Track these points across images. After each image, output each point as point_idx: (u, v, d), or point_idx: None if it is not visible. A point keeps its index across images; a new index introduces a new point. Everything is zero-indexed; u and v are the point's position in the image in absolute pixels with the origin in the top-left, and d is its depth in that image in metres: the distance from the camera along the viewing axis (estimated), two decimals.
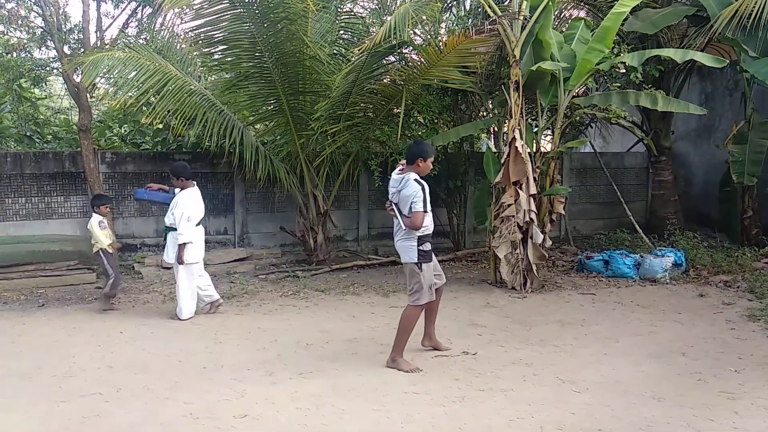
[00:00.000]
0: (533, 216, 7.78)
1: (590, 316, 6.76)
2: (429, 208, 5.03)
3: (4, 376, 4.94)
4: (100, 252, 7.05)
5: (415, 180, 5.00)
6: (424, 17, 8.27)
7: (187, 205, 6.57)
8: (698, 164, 12.48)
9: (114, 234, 7.65)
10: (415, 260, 5.04)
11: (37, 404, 4.39)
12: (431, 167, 5.19)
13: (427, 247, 5.09)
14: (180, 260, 6.53)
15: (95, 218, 7.10)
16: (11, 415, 4.22)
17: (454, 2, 10.56)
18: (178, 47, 9.62)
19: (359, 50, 7.98)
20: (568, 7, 10.37)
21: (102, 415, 4.22)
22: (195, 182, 6.86)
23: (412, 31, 9.02)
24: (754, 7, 8.10)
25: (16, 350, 5.63)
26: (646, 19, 9.36)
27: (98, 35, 9.67)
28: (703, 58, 7.86)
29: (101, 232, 7.05)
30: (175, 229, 6.57)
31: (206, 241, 7.11)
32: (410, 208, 4.95)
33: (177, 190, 6.80)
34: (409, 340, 5.15)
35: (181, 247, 6.52)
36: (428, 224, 5.11)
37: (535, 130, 8.58)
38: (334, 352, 5.50)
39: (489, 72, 8.99)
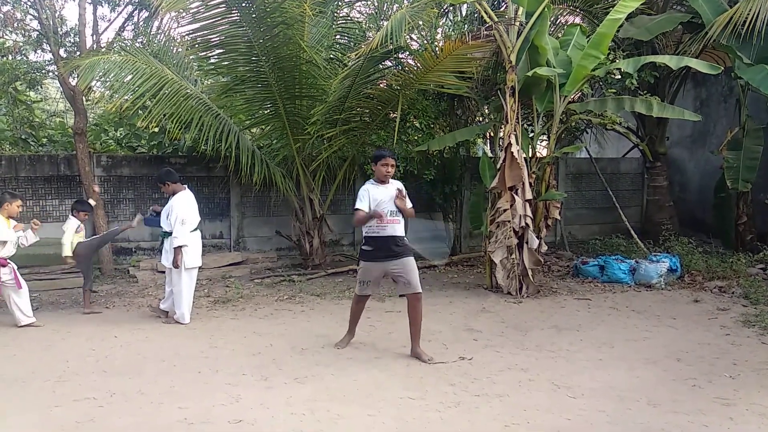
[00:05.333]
0: (529, 221, 7.80)
1: (585, 321, 6.76)
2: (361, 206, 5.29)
3: None
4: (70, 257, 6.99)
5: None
6: (421, 22, 8.31)
7: (182, 209, 6.56)
8: (693, 170, 12.53)
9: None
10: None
11: (31, 409, 4.36)
12: (381, 170, 5.34)
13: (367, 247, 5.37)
14: (175, 264, 6.51)
15: (74, 222, 7.02)
16: (4, 421, 4.19)
17: (451, 8, 10.59)
18: (174, 51, 9.64)
19: (356, 55, 7.99)
20: (564, 14, 10.43)
21: (96, 420, 4.19)
22: (186, 185, 6.85)
23: (408, 36, 9.05)
24: (748, 14, 8.15)
25: (9, 354, 5.61)
26: (642, 25, 9.42)
27: (94, 38, 9.66)
28: (698, 65, 7.89)
29: (74, 236, 6.97)
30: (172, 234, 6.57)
31: (202, 245, 7.09)
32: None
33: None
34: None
35: (177, 250, 6.50)
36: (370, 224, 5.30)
37: (531, 135, 8.60)
38: (329, 357, 5.49)
39: (485, 77, 9.04)
